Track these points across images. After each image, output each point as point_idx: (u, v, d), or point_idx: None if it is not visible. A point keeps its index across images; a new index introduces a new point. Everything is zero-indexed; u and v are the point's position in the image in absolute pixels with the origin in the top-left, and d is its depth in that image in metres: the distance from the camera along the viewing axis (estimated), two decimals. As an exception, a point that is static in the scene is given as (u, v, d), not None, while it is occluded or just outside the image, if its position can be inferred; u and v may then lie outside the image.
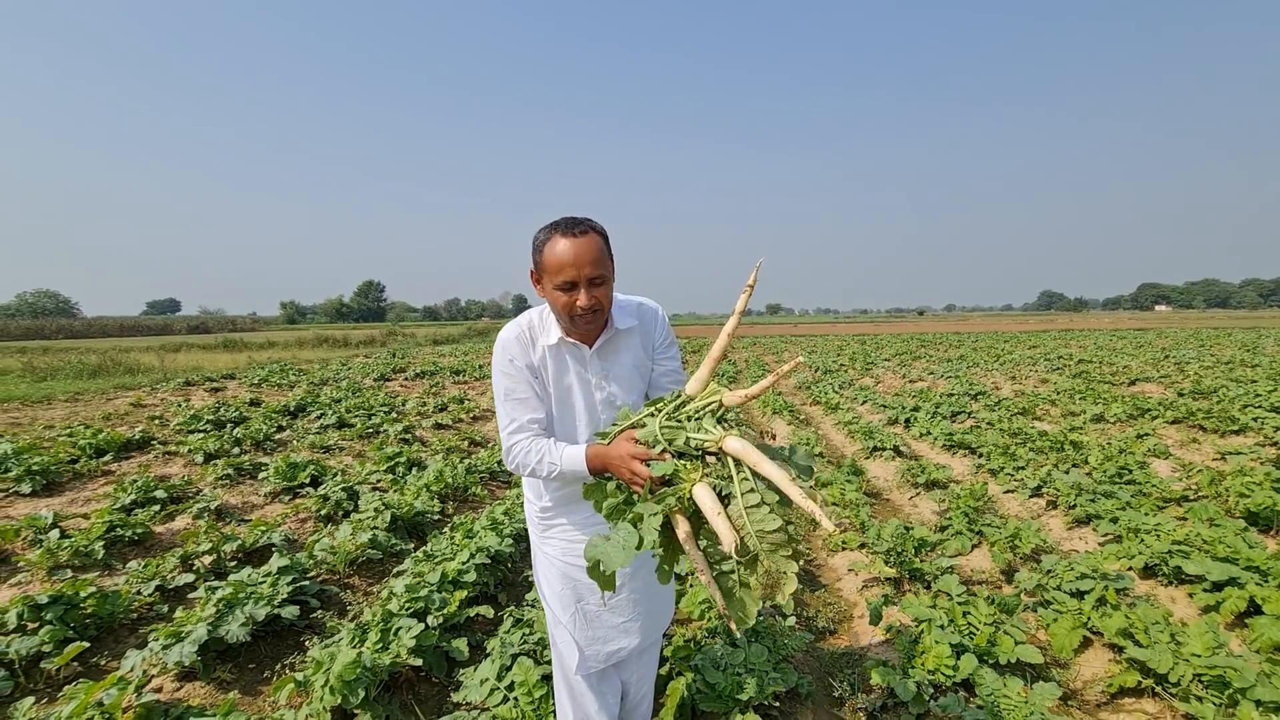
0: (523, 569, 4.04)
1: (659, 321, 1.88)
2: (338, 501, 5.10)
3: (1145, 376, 13.08)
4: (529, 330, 1.75)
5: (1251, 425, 7.54)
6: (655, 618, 1.98)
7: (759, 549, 1.33)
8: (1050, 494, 5.17)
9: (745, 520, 1.34)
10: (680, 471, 1.41)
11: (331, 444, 7.62)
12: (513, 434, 1.70)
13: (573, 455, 1.61)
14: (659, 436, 1.46)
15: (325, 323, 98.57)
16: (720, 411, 1.48)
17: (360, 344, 34.59)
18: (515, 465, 1.70)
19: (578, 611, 1.85)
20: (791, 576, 1.33)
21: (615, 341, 1.79)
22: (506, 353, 1.73)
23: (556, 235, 1.59)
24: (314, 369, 17.75)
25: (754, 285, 1.45)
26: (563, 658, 1.90)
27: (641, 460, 1.43)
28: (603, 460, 1.54)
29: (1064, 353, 20.68)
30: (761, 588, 1.36)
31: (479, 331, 50.60)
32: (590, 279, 1.59)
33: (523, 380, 1.71)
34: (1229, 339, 26.89)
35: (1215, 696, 2.38)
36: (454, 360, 20.86)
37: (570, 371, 1.76)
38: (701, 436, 1.43)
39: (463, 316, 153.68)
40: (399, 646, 2.65)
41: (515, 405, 1.71)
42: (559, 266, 1.58)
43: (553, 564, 1.88)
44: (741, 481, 1.36)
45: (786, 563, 1.33)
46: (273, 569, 3.44)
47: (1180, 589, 3.54)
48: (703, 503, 1.35)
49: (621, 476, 1.49)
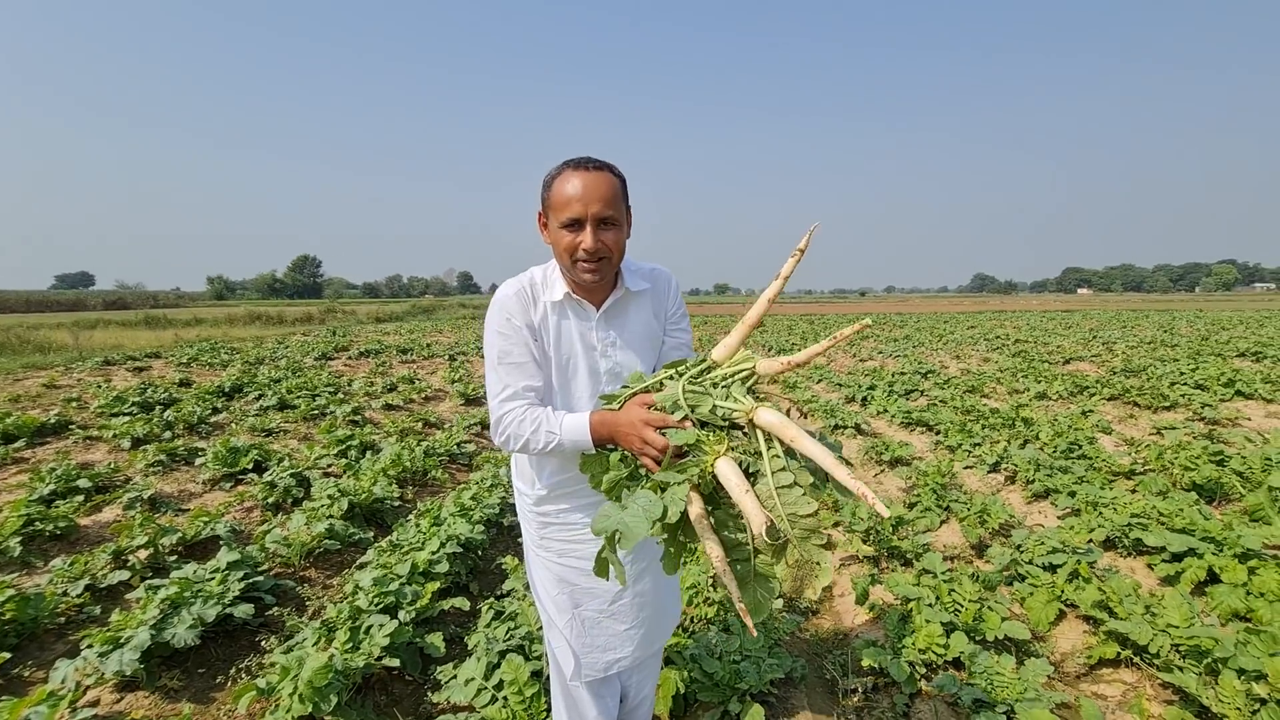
0: (494, 556, 3.86)
1: (672, 288, 1.72)
2: (286, 488, 4.77)
3: (1078, 356, 13.78)
4: (530, 287, 1.56)
5: (1180, 401, 8.01)
6: (660, 624, 1.80)
7: (790, 534, 1.19)
8: (1008, 469, 5.33)
9: (775, 502, 1.20)
10: (703, 442, 1.25)
11: (274, 427, 7.17)
12: (505, 401, 1.49)
13: (574, 423, 1.42)
14: (682, 401, 1.30)
15: (257, 299, 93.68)
16: (751, 380, 1.33)
17: (297, 321, 32.99)
18: (505, 438, 1.48)
19: (574, 618, 1.68)
20: (826, 568, 1.20)
21: (625, 304, 1.62)
22: (504, 310, 1.53)
23: (567, 170, 1.45)
24: (248, 347, 16.78)
25: (805, 250, 1.28)
26: (558, 664, 1.75)
27: (656, 428, 1.26)
28: (610, 428, 1.36)
29: (1001, 333, 21.61)
30: (791, 579, 1.22)
31: (424, 309, 49.10)
32: (598, 218, 1.43)
33: (520, 342, 1.52)
34: (1146, 320, 28.71)
35: (1194, 666, 2.45)
36: (400, 339, 20.13)
37: (574, 335, 1.57)
38: (730, 405, 1.27)
39: (405, 294, 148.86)
40: (371, 646, 2.45)
41: (510, 370, 1.51)
42: (565, 202, 1.42)
43: (548, 566, 1.71)
44: (773, 459, 1.22)
45: (819, 552, 1.19)
46: (221, 564, 3.16)
47: (1140, 560, 3.68)
48: (727, 479, 1.20)
49: (630, 446, 1.31)
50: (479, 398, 9.66)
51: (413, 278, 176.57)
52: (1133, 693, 2.58)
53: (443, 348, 17.17)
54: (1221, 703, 2.27)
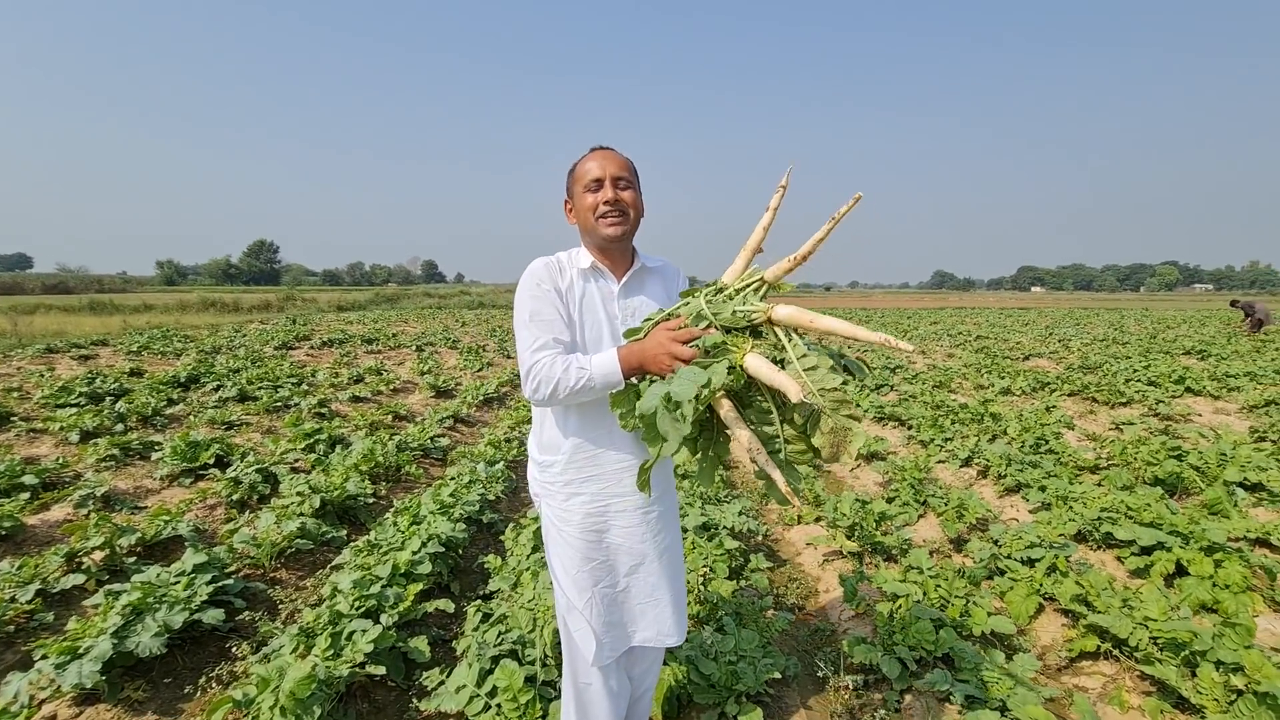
0: (475, 555, 3.77)
1: (680, 276, 1.89)
2: (252, 485, 4.58)
3: (1037, 352, 14.22)
4: (558, 261, 1.72)
5: (1136, 397, 8.32)
6: (673, 600, 1.81)
7: (823, 405, 1.34)
8: (980, 464, 5.45)
9: (805, 380, 1.34)
10: (729, 343, 1.38)
11: (235, 420, 6.88)
12: (536, 352, 1.57)
13: (603, 359, 1.51)
14: (705, 311, 1.43)
15: (210, 285, 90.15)
16: (763, 289, 1.47)
17: (254, 309, 31.86)
18: (537, 383, 1.55)
19: (594, 596, 1.73)
20: (859, 432, 1.35)
21: (641, 277, 1.78)
22: (534, 276, 1.67)
23: (588, 153, 1.69)
24: (203, 335, 16.12)
25: (786, 186, 1.48)
26: (577, 648, 1.76)
27: (683, 342, 1.38)
28: (639, 355, 1.47)
29: (963, 329, 22.17)
30: (829, 445, 1.36)
31: (388, 298, 47.87)
32: (615, 177, 1.64)
33: (549, 303, 1.64)
34: (1097, 318, 29.84)
35: (1171, 658, 2.52)
36: (364, 328, 19.60)
37: (598, 301, 1.71)
38: (749, 308, 1.41)
39: (368, 282, 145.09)
40: (354, 652, 2.34)
41: (540, 325, 1.61)
42: (585, 171, 1.65)
43: (570, 542, 1.73)
44: (794, 347, 1.39)
45: (849, 421, 1.34)
46: (187, 566, 2.99)
47: (1109, 553, 3.79)
48: (758, 368, 1.33)
49: (660, 367, 1.41)
50: (449, 389, 9.46)
51: (375, 265, 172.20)
52: (1113, 685, 2.64)
53: (409, 338, 16.80)
54: (1200, 694, 2.34)
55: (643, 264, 1.77)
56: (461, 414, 7.58)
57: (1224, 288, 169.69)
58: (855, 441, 1.34)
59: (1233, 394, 8.70)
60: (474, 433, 7.21)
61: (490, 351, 14.72)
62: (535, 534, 3.49)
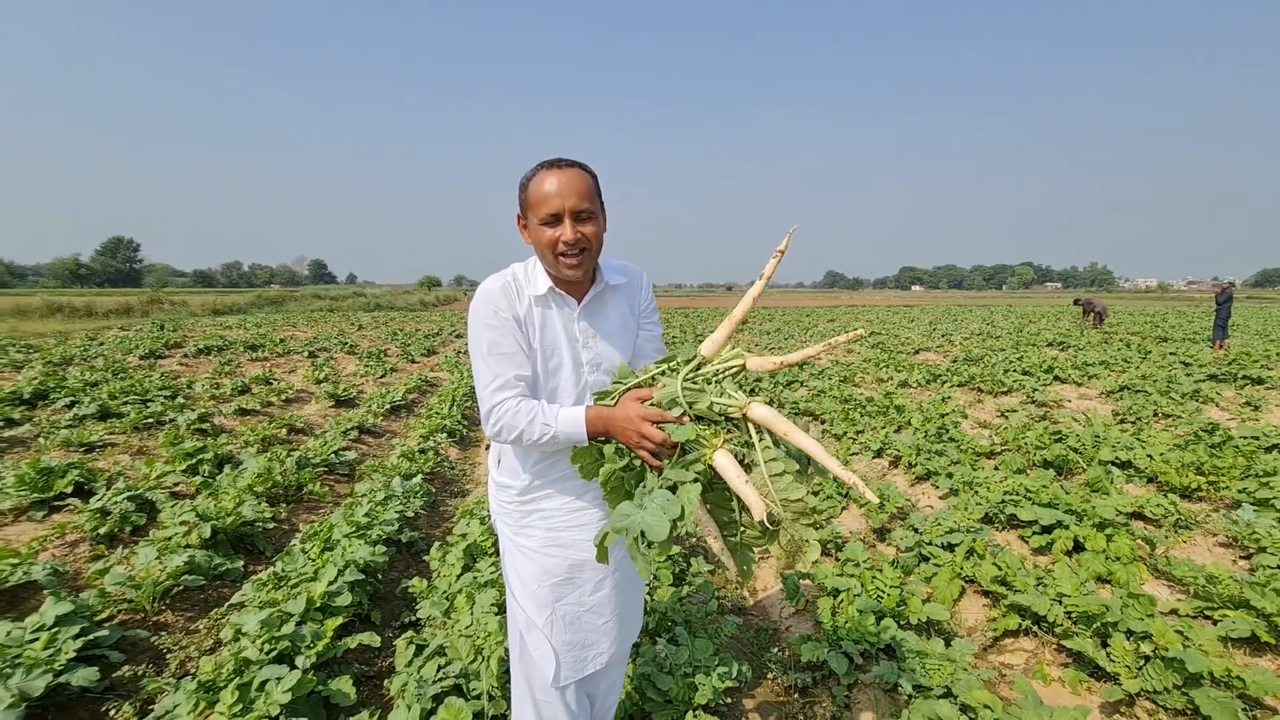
0: (396, 579, 3.47)
1: (644, 283, 1.78)
2: (124, 515, 3.99)
3: (925, 347, 15.33)
4: (514, 281, 1.58)
5: (1015, 386, 9.12)
6: (632, 618, 1.80)
7: (783, 517, 1.33)
8: (891, 454, 5.73)
9: (769, 488, 1.33)
10: (701, 437, 1.33)
11: (96, 440, 6.02)
12: (497, 392, 1.49)
13: (570, 416, 1.46)
14: (680, 398, 1.37)
15: (57, 287, 79.64)
16: (740, 375, 1.45)
17: (112, 313, 28.37)
18: (499, 429, 1.48)
19: (554, 614, 1.63)
20: (815, 544, 1.35)
21: (603, 298, 1.67)
22: (490, 303, 1.53)
23: (541, 170, 1.51)
24: (49, 344, 14.14)
25: (784, 251, 1.39)
26: (536, 667, 1.65)
27: (653, 423, 1.34)
28: (606, 422, 1.42)
29: (857, 325, 23.55)
30: (786, 555, 1.38)
31: (272, 300, 44.24)
32: (575, 211, 1.48)
33: (508, 333, 1.52)
34: (970, 314, 32.70)
35: (1084, 630, 2.72)
36: (246, 333, 18.01)
37: (558, 327, 1.59)
38: (726, 401, 1.37)
39: (247, 283, 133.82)
40: (269, 705, 2.05)
41: (500, 360, 1.50)
42: (542, 199, 1.48)
43: (530, 558, 1.64)
44: (764, 449, 1.34)
45: (809, 531, 1.34)
46: (47, 619, 2.53)
47: (1014, 533, 4.08)
48: (726, 470, 1.30)
49: (627, 441, 1.38)
50: (351, 398, 8.83)
51: (255, 265, 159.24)
52: (1034, 659, 2.82)
53: (300, 343, 15.57)
54: (1113, 662, 2.53)
55: (606, 284, 1.65)
56: (367, 424, 7.07)
57: (1070, 285, 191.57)
58: (811, 553, 1.35)
59: (1093, 380, 9.74)
60: (383, 444, 6.74)
61: (393, 356, 13.92)
62: (465, 552, 3.27)
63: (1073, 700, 2.52)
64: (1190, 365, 11.08)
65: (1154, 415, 7.28)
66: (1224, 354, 12.46)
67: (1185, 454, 5.08)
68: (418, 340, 17.35)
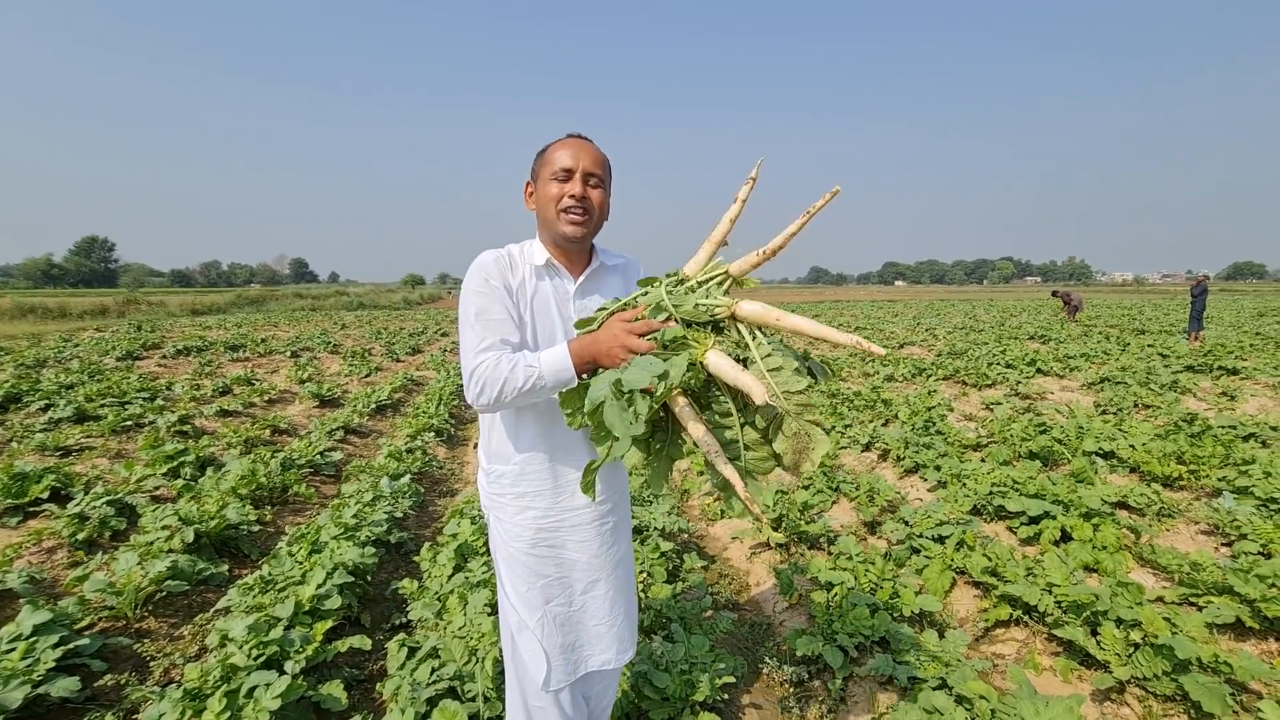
0: (386, 580, 3.43)
1: (639, 273, 1.75)
2: (103, 520, 3.91)
3: (910, 341, 15.46)
4: (509, 255, 1.57)
5: (998, 379, 9.23)
6: (630, 620, 1.76)
7: (786, 409, 1.28)
8: (880, 448, 5.77)
9: (769, 382, 1.28)
10: (691, 338, 1.30)
11: (73, 444, 5.88)
12: (481, 352, 1.43)
13: (553, 353, 1.39)
14: (665, 302, 1.35)
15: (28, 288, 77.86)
16: (726, 283, 1.41)
17: (87, 314, 27.80)
18: (481, 386, 1.39)
19: (545, 615, 1.60)
20: (823, 437, 1.29)
21: (600, 276, 1.66)
22: (482, 271, 1.51)
23: (563, 138, 1.56)
24: (21, 346, 13.81)
25: (755, 178, 1.39)
26: (527, 670, 1.62)
27: (640, 334, 1.29)
28: (591, 347, 1.36)
29: (841, 321, 23.68)
30: (791, 452, 1.31)
31: (252, 299, 43.58)
32: (587, 172, 1.51)
33: (498, 300, 1.49)
34: (953, 308, 33.07)
35: (1074, 619, 2.74)
36: (226, 333, 17.73)
37: (551, 300, 1.57)
38: (712, 302, 1.35)
39: (226, 282, 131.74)
40: (258, 711, 2.01)
41: (487, 325, 1.46)
42: (558, 157, 1.51)
43: (520, 558, 1.60)
44: (759, 346, 1.32)
45: (813, 427, 1.29)
46: (24, 628, 2.46)
47: (1002, 524, 4.11)
48: (720, 366, 1.25)
49: (615, 361, 1.30)
50: (335, 398, 8.72)
51: (235, 264, 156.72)
52: (1025, 649, 2.84)
53: (282, 343, 15.35)
54: (1103, 650, 2.56)
55: (602, 262, 1.65)
56: (353, 424, 6.98)
57: (1049, 279, 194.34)
58: (819, 448, 1.29)
59: (1074, 373, 9.88)
60: (369, 444, 6.66)
61: (377, 355, 13.77)
62: (456, 552, 3.23)
63: (1064, 689, 2.54)
64: (1168, 357, 11.28)
65: (1134, 406, 7.40)
66: (1200, 346, 12.70)
67: (1166, 444, 5.17)
68: (402, 339, 17.18)
